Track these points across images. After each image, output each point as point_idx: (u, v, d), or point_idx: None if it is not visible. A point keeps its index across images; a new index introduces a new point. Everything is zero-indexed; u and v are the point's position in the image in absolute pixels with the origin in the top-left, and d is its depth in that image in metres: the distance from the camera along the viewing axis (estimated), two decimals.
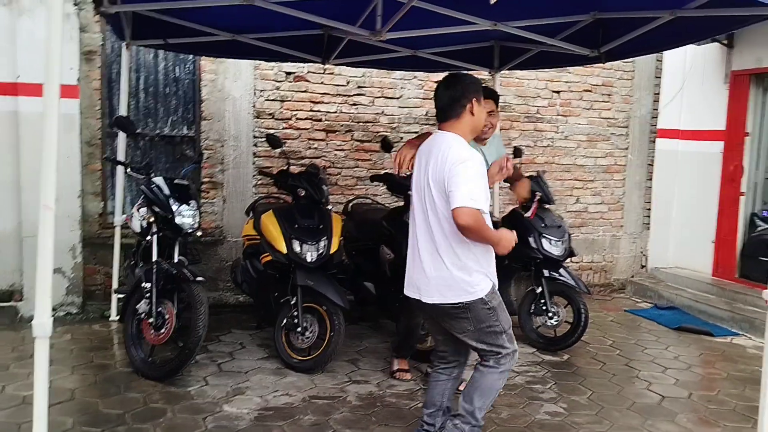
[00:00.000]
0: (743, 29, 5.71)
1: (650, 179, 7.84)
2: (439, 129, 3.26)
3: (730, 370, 5.05)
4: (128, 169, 4.88)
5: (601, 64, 6.11)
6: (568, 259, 5.51)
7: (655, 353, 5.39)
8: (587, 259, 7.65)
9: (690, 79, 7.35)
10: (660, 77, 7.68)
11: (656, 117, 7.74)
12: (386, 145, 5.79)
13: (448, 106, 3.19)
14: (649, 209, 7.89)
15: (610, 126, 7.61)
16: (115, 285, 5.68)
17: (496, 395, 3.27)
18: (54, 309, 5.29)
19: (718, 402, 4.37)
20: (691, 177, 7.41)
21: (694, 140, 7.38)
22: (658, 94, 7.71)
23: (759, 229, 6.79)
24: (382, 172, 6.39)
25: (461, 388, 3.51)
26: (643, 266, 7.91)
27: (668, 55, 7.36)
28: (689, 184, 7.44)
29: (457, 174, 2.95)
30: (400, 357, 4.68)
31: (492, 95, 4.17)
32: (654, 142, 7.77)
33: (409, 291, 3.31)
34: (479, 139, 4.08)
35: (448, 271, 3.07)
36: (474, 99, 3.19)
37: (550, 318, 5.22)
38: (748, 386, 4.65)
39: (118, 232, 5.68)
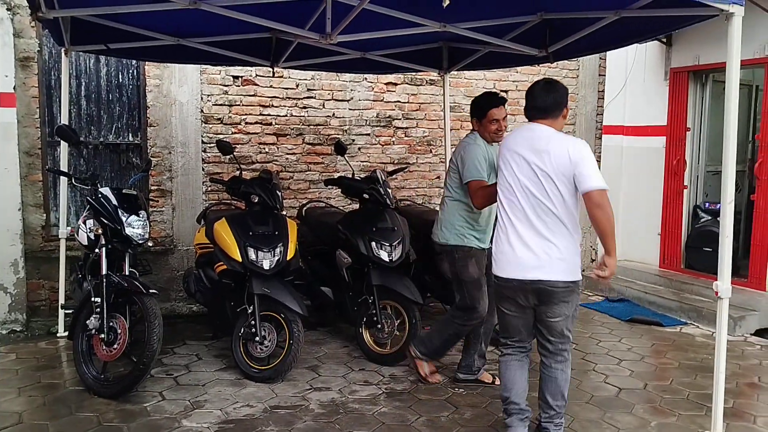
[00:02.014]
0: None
1: None
2: (535, 122, 3.47)
3: (681, 359, 5.20)
4: (73, 180, 4.70)
5: (547, 63, 6.20)
6: None
7: (609, 345, 5.51)
8: None
9: (632, 76, 7.55)
10: (604, 75, 7.88)
11: (601, 114, 7.93)
12: (340, 149, 5.77)
13: (552, 105, 3.45)
14: None
15: None
16: (61, 300, 5.46)
17: None
18: None
19: (672, 391, 4.49)
20: (637, 172, 7.62)
21: (638, 136, 7.59)
22: (603, 91, 7.91)
23: (702, 220, 7.03)
24: (336, 175, 6.37)
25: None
26: (593, 260, 8.09)
27: (611, 53, 7.54)
28: (635, 178, 7.64)
29: (585, 159, 3.26)
30: (432, 359, 4.59)
31: (503, 102, 4.30)
32: (600, 138, 7.95)
33: (510, 272, 3.39)
34: (491, 141, 4.26)
35: (567, 252, 3.32)
36: (566, 106, 3.52)
37: None
38: (699, 374, 4.80)
39: (63, 244, 5.47)
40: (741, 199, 6.88)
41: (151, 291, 4.21)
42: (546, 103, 3.44)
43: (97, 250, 4.46)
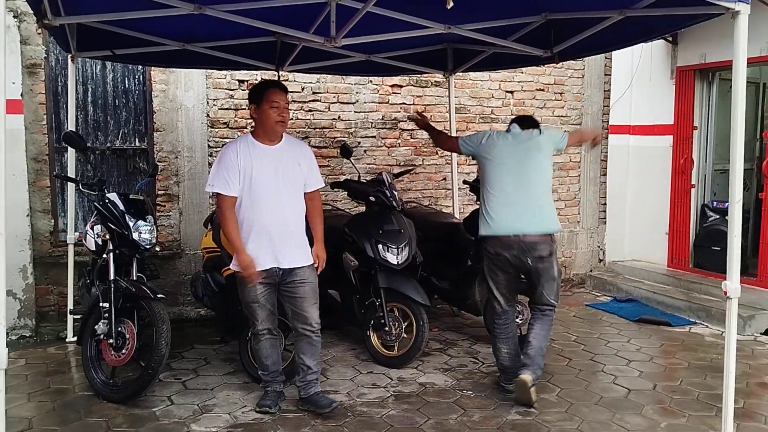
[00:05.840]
0: None
1: (604, 174, 8.01)
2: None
3: (690, 359, 5.17)
4: (80, 186, 4.72)
5: (552, 64, 6.20)
6: None
7: (618, 346, 5.49)
8: None
9: (638, 75, 7.53)
10: (609, 75, 7.86)
11: (607, 114, 7.91)
12: (346, 152, 5.76)
13: None
14: (605, 204, 8.05)
15: (563, 124, 7.73)
16: (70, 305, 5.48)
17: None
18: (6, 333, 5.07)
19: (681, 392, 4.46)
20: (644, 171, 7.59)
21: (645, 135, 7.56)
22: (609, 91, 7.88)
23: (710, 219, 6.99)
24: (342, 178, 6.36)
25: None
26: (600, 260, 8.06)
27: (617, 52, 7.52)
28: (642, 178, 7.62)
29: None
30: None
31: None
32: (606, 138, 7.92)
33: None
34: None
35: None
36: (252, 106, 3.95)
37: (516, 317, 5.24)
38: (709, 374, 4.77)
39: (71, 250, 5.50)
40: (749, 197, 6.84)
41: (158, 296, 4.23)
42: None
43: (104, 256, 4.48)
